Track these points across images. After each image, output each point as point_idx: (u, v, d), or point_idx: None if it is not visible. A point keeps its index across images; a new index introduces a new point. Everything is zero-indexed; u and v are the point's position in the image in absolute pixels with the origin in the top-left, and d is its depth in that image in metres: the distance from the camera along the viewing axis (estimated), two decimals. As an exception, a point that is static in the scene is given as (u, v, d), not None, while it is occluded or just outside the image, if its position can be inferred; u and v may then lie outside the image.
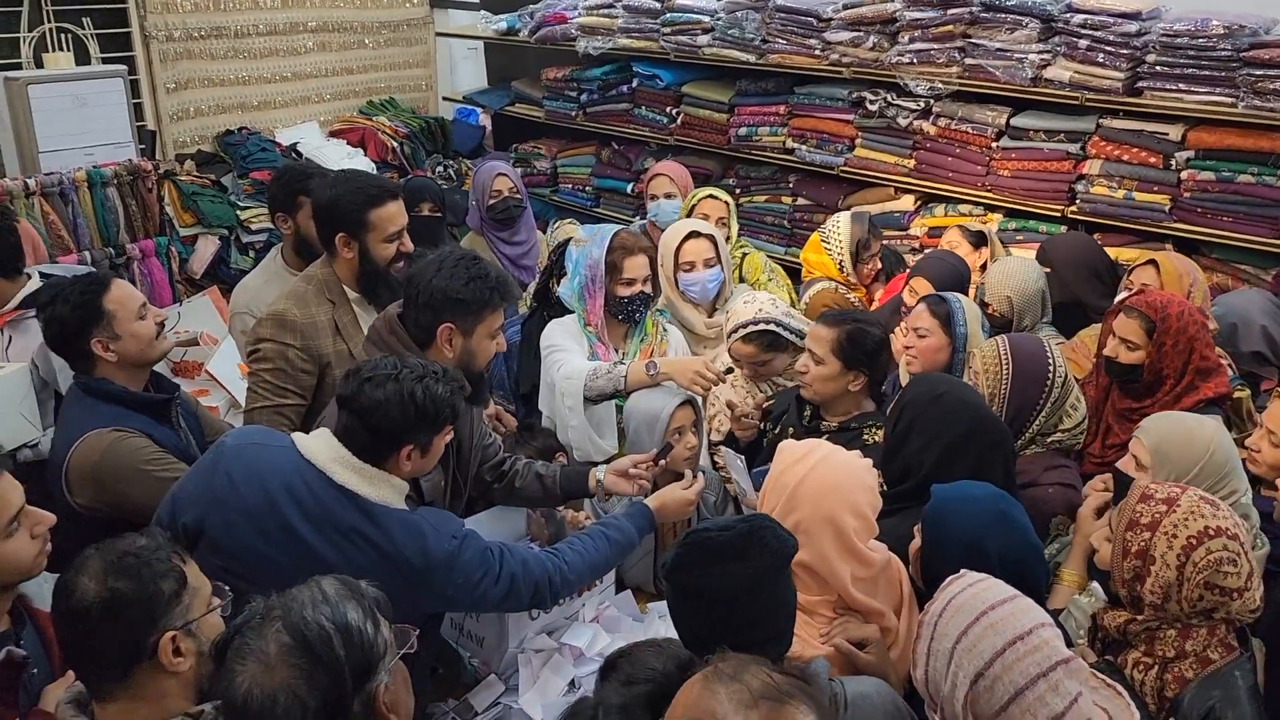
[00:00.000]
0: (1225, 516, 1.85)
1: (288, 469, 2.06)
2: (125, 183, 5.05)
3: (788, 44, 4.74)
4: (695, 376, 2.92)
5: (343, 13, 6.43)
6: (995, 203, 4.30)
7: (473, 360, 2.45)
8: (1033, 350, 2.70)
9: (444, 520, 2.17)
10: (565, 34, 5.59)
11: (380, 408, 2.02)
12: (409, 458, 2.09)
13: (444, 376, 2.12)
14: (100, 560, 1.59)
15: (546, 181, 6.07)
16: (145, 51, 5.59)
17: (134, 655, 1.58)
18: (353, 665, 1.40)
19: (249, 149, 5.77)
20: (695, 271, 3.45)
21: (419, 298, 2.42)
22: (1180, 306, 2.82)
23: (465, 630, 2.64)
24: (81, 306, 2.48)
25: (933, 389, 2.47)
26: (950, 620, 1.60)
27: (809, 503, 2.03)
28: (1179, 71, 3.76)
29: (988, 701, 1.53)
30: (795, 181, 4.99)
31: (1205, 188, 3.79)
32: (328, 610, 1.42)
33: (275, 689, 1.36)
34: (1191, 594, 1.81)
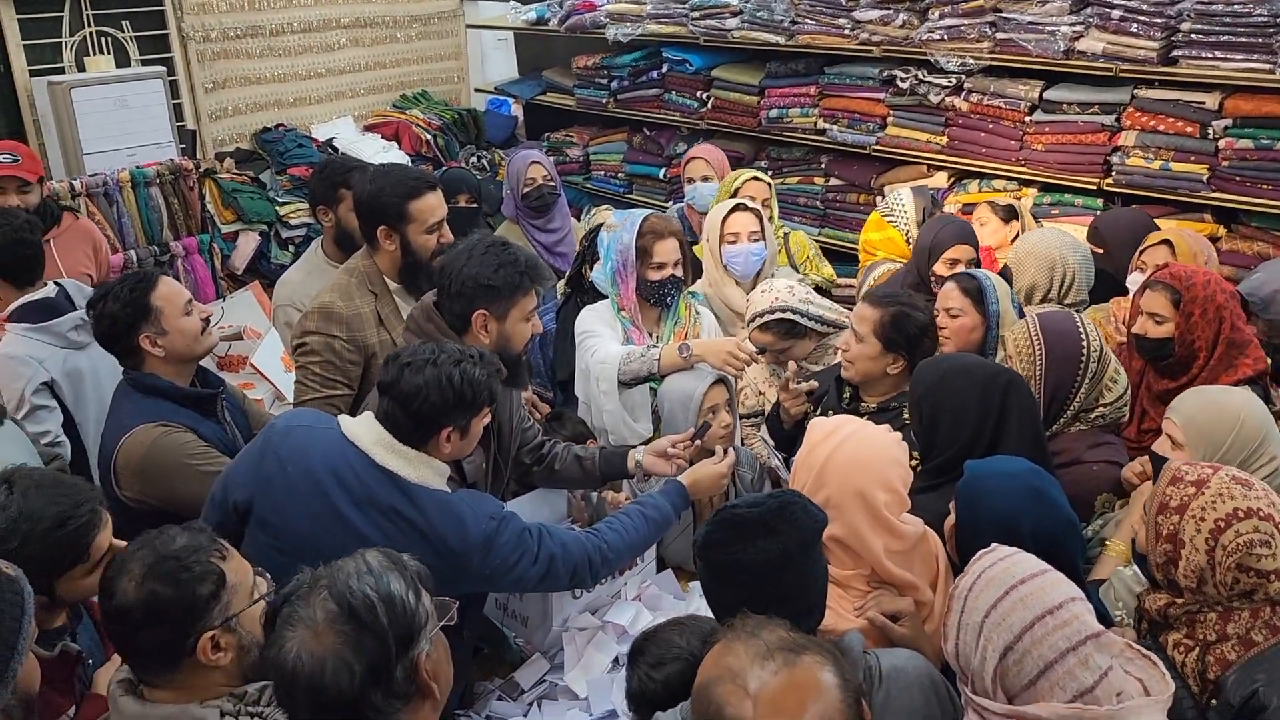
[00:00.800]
0: (1259, 497, 1.82)
1: (333, 451, 2.12)
2: (167, 182, 5.15)
3: (816, 24, 4.73)
4: (727, 357, 2.94)
5: (374, 8, 6.49)
6: (1029, 177, 4.28)
7: (509, 344, 2.50)
8: (1064, 327, 2.68)
9: (482, 502, 2.22)
10: (594, 22, 5.62)
11: (420, 392, 2.07)
12: (449, 440, 2.14)
13: (481, 360, 2.16)
14: (139, 563, 1.64)
15: (579, 169, 6.10)
16: (183, 52, 5.68)
17: (175, 653, 1.64)
18: (396, 632, 1.45)
19: (286, 145, 5.86)
20: (739, 244, 3.48)
21: (451, 286, 2.47)
22: (1206, 275, 2.80)
23: (509, 610, 2.69)
24: (130, 304, 2.55)
25: (936, 369, 2.50)
26: (981, 594, 1.61)
27: (837, 478, 2.05)
28: (1214, 39, 3.72)
29: (1017, 675, 1.54)
30: (827, 162, 4.99)
31: (1243, 156, 3.75)
32: (371, 580, 1.47)
33: (323, 654, 1.41)
34: (1225, 577, 1.79)
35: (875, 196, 4.79)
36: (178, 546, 1.66)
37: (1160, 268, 2.98)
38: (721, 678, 1.33)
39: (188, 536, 1.69)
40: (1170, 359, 2.82)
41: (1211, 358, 2.76)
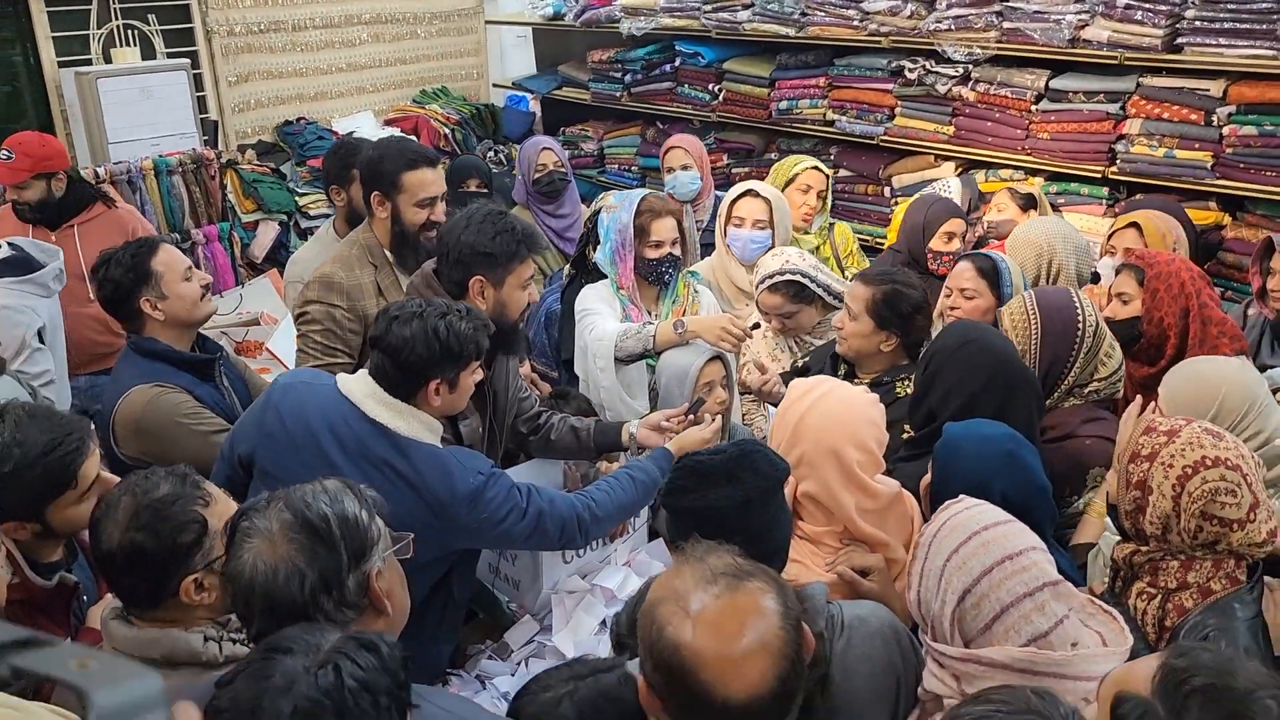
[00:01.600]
0: (1228, 447, 1.83)
1: (329, 405, 2.20)
2: (189, 171, 5.28)
3: (826, 16, 4.78)
4: (722, 333, 2.98)
5: (396, 5, 6.61)
6: (1035, 166, 4.29)
7: (505, 310, 2.56)
8: (1060, 302, 2.69)
9: (472, 458, 2.27)
10: (609, 16, 5.69)
11: (406, 344, 2.14)
12: (437, 392, 2.20)
13: (467, 314, 2.22)
14: (124, 510, 1.70)
15: (593, 163, 6.17)
16: (208, 46, 5.82)
17: (159, 595, 1.71)
18: (349, 545, 1.51)
19: (306, 138, 5.98)
20: (743, 228, 3.52)
21: (450, 254, 2.54)
22: (1169, 256, 2.84)
23: (501, 573, 2.74)
24: (132, 269, 2.63)
25: (962, 336, 2.48)
26: (945, 539, 1.64)
27: (811, 435, 2.08)
28: (1218, 26, 3.72)
29: (974, 618, 1.57)
30: (836, 153, 5.02)
31: (1248, 143, 3.75)
32: (326, 498, 1.54)
33: (277, 561, 1.48)
34: (1189, 524, 1.81)
35: (883, 187, 4.82)
36: (160, 495, 1.72)
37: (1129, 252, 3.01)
38: (665, 599, 1.36)
39: (171, 484, 1.74)
40: (1141, 339, 2.83)
41: (1186, 338, 2.76)
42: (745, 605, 1.34)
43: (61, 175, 3.91)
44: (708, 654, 1.30)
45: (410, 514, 2.12)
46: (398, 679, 1.28)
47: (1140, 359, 2.88)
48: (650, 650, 1.35)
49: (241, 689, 1.23)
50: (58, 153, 3.98)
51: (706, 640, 1.30)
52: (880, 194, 4.84)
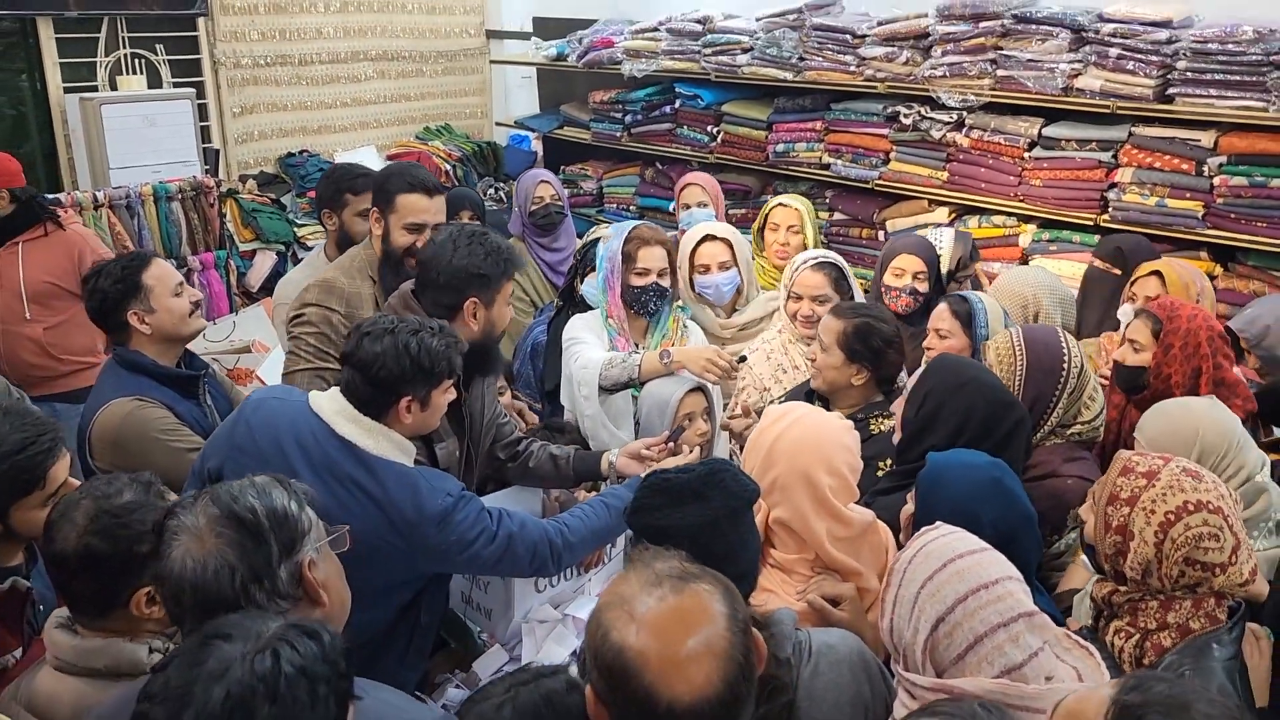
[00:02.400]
0: (1209, 489, 1.82)
1: (299, 421, 2.18)
2: (189, 198, 5.33)
3: (824, 61, 4.82)
4: (707, 364, 2.97)
5: (402, 43, 6.70)
6: (1028, 213, 4.30)
7: (493, 328, 2.58)
8: (1047, 339, 2.68)
9: (441, 478, 2.24)
10: (611, 58, 5.75)
11: (377, 360, 2.12)
12: (409, 410, 2.18)
13: (440, 332, 2.21)
14: (83, 512, 1.68)
15: (592, 201, 6.20)
16: (214, 77, 5.90)
17: (109, 603, 1.69)
18: (278, 536, 1.50)
19: (308, 170, 6.03)
20: (710, 274, 3.52)
21: (440, 278, 2.52)
22: (1193, 311, 2.73)
23: (473, 602, 2.71)
24: (122, 280, 2.65)
25: (957, 376, 2.45)
26: (919, 566, 1.61)
27: (785, 459, 2.06)
28: (1210, 77, 3.75)
29: (947, 648, 1.54)
30: (831, 196, 5.04)
31: (1238, 193, 3.75)
32: (253, 492, 1.53)
33: (204, 556, 1.46)
34: (1171, 570, 1.79)
35: (877, 230, 4.83)
36: (121, 502, 1.71)
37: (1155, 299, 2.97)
38: (611, 604, 1.34)
39: (134, 491, 1.74)
40: (1145, 391, 2.76)
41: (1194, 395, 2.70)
42: (690, 607, 1.32)
43: (4, 193, 3.93)
44: (651, 655, 1.28)
45: (377, 534, 2.10)
46: (338, 668, 1.25)
47: (1141, 408, 2.81)
48: (595, 656, 1.33)
49: (173, 675, 1.20)
50: (7, 171, 3.99)
51: (650, 641, 1.28)
52: (874, 237, 4.84)
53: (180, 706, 1.16)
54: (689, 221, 4.22)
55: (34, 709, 1.66)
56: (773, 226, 3.94)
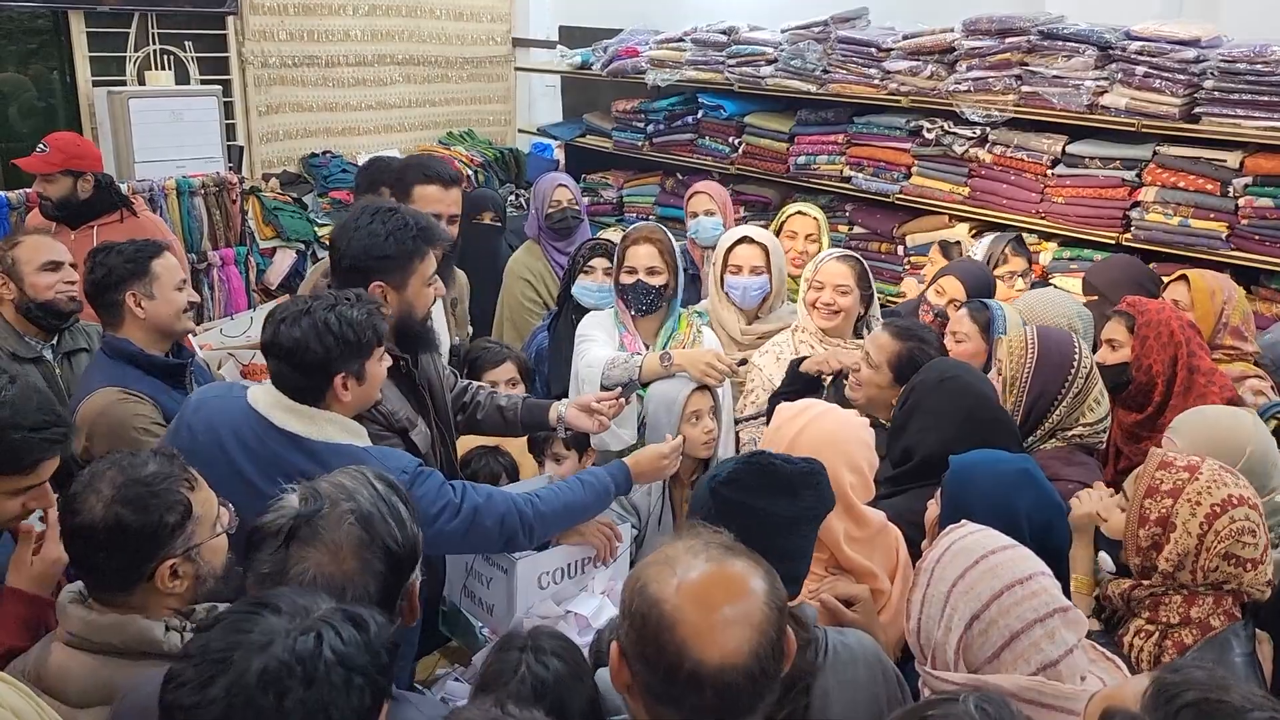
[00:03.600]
0: (1246, 486, 1.84)
1: (239, 420, 2.11)
2: (211, 193, 5.36)
3: (848, 74, 4.82)
4: (706, 368, 2.92)
5: (429, 48, 6.74)
6: (1049, 230, 4.27)
7: (412, 311, 2.46)
8: (1060, 339, 2.68)
9: (395, 456, 2.16)
10: (636, 67, 5.76)
11: (300, 344, 2.04)
12: (346, 387, 2.11)
13: (358, 301, 2.12)
14: (109, 483, 1.65)
15: (612, 210, 6.21)
16: (241, 76, 5.94)
17: (133, 577, 1.65)
18: (407, 562, 1.50)
19: (331, 170, 6.07)
20: (740, 275, 3.51)
21: (343, 262, 2.42)
22: (1159, 304, 2.84)
23: (476, 598, 2.68)
24: (132, 259, 2.65)
25: (942, 373, 2.47)
26: (949, 564, 1.59)
27: (806, 454, 2.04)
28: (1236, 98, 3.72)
29: (981, 645, 1.51)
30: (852, 210, 5.02)
31: (1264, 215, 3.71)
32: (385, 509, 1.51)
33: (343, 580, 1.43)
34: (1209, 563, 1.78)
35: (897, 245, 4.81)
36: (149, 472, 1.67)
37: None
38: (655, 561, 1.33)
39: (159, 462, 1.70)
40: (1129, 385, 2.82)
41: (1173, 385, 2.73)
42: (733, 576, 1.31)
43: (89, 176, 3.96)
44: (686, 613, 1.26)
45: None
46: (379, 661, 1.22)
47: (1128, 405, 2.87)
48: (628, 608, 1.31)
49: (216, 637, 1.18)
50: (91, 155, 4.05)
51: (687, 600, 1.27)
52: (894, 252, 4.82)
53: (215, 672, 1.14)
54: (696, 230, 4.22)
55: (43, 684, 1.63)
56: (790, 234, 3.93)
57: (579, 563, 2.66)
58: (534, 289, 4.27)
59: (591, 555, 2.66)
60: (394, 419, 2.46)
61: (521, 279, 4.27)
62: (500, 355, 3.46)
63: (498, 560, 2.49)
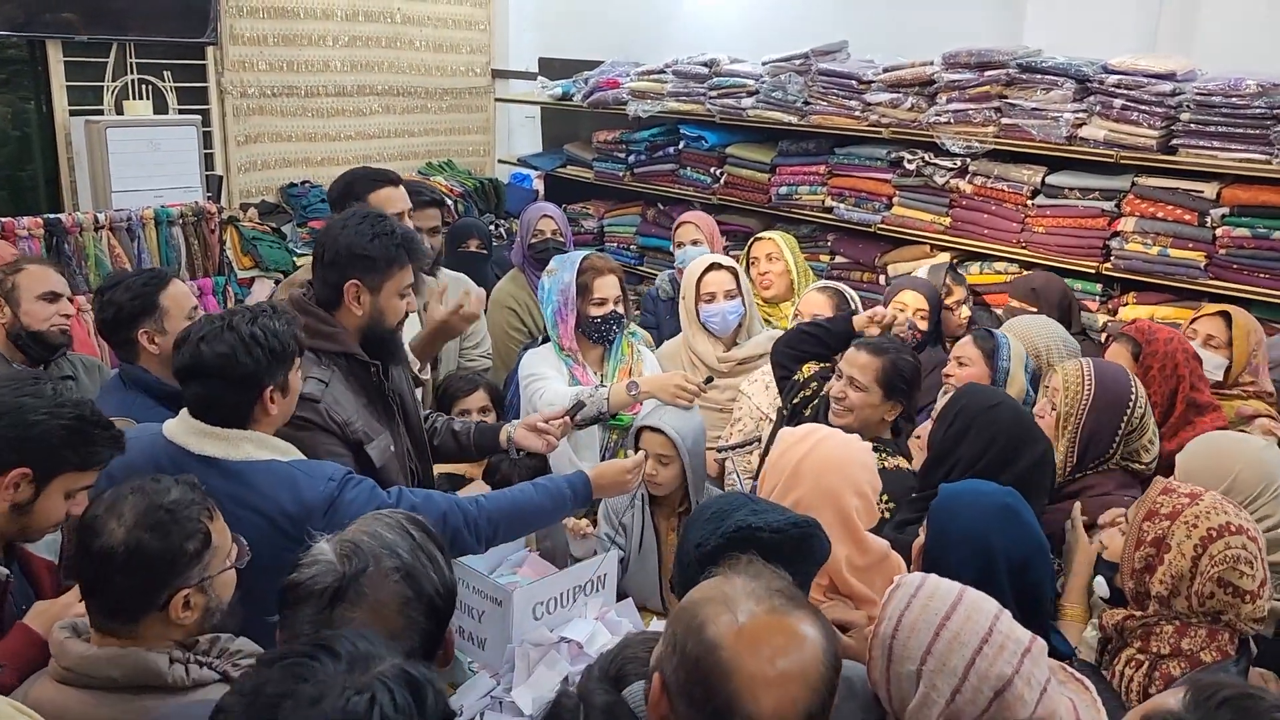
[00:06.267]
0: (1247, 518, 1.83)
1: (157, 452, 2.08)
2: (190, 223, 5.32)
3: (829, 105, 4.86)
4: (676, 390, 2.92)
5: (408, 78, 6.74)
6: (1030, 259, 4.31)
7: (382, 318, 2.49)
8: (1118, 375, 2.66)
9: (318, 467, 2.13)
10: (617, 98, 5.79)
11: (229, 359, 2.02)
12: (273, 401, 2.09)
13: (273, 312, 2.12)
14: (131, 508, 1.63)
15: (593, 240, 6.21)
16: (220, 105, 5.91)
17: (146, 605, 1.62)
18: (447, 610, 1.50)
19: (309, 200, 6.03)
20: (716, 303, 3.52)
21: (325, 255, 2.46)
22: (1169, 335, 2.84)
23: (466, 633, 2.64)
24: (140, 296, 2.64)
25: (989, 397, 2.48)
26: (909, 641, 1.53)
27: (811, 478, 2.03)
28: (1213, 129, 3.78)
29: (970, 711, 1.48)
30: (833, 240, 5.05)
31: (1240, 244, 3.77)
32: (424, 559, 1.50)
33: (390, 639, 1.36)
34: (1203, 589, 1.77)
35: (879, 274, 4.83)
36: (172, 498, 1.66)
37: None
38: (713, 599, 1.30)
39: (180, 490, 1.69)
40: None
41: (1170, 416, 2.73)
42: (793, 629, 1.28)
43: None
44: (744, 661, 1.23)
45: (269, 544, 1.93)
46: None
47: None
48: (681, 646, 1.27)
49: (273, 679, 1.13)
50: None
51: (746, 649, 1.24)
52: (875, 281, 4.84)
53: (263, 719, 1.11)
54: (684, 259, 4.25)
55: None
56: (753, 260, 4.01)
57: (571, 590, 2.63)
58: (519, 317, 4.27)
59: (584, 582, 2.64)
60: (348, 429, 2.43)
61: (506, 308, 4.27)
62: (473, 383, 3.46)
63: (491, 593, 2.45)
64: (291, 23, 6.12)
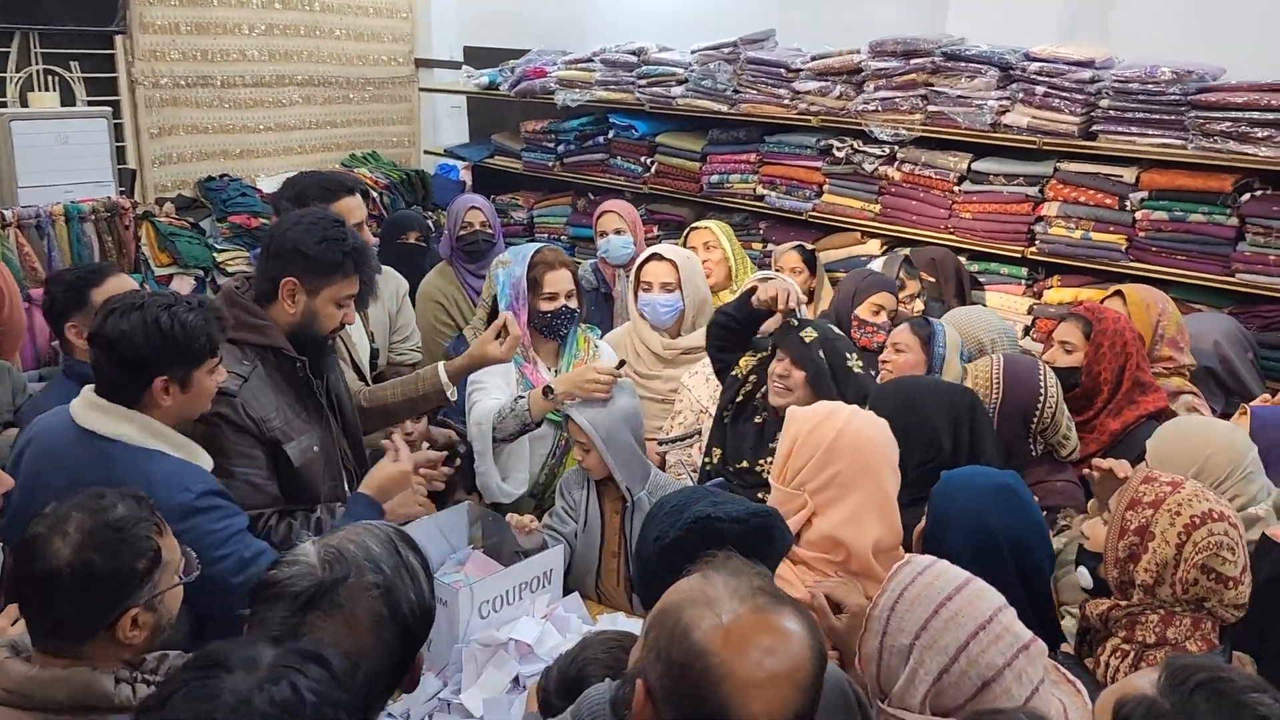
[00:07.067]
0: (1228, 505, 1.85)
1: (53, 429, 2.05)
2: (103, 219, 5.10)
3: (758, 94, 4.87)
4: (590, 385, 2.85)
5: (329, 68, 6.57)
6: (958, 245, 4.38)
7: (315, 322, 2.42)
8: (1027, 375, 2.71)
9: (184, 472, 2.04)
10: (544, 87, 5.73)
11: (124, 337, 1.97)
12: (167, 392, 2.02)
13: (198, 306, 2.06)
14: (76, 526, 1.56)
15: (523, 232, 6.15)
16: (131, 96, 5.68)
17: (93, 627, 1.56)
18: (421, 634, 1.44)
19: (229, 194, 5.85)
20: (651, 293, 3.50)
21: (271, 246, 2.41)
22: (1117, 315, 2.91)
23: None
24: (70, 289, 2.61)
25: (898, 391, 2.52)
26: (907, 615, 1.52)
27: (849, 454, 2.02)
28: (1131, 116, 3.88)
29: (954, 695, 1.47)
30: (765, 228, 5.08)
31: (1159, 227, 3.88)
32: (407, 578, 1.43)
33: (357, 654, 1.34)
34: (1187, 575, 1.77)
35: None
36: (118, 515, 1.58)
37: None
38: (695, 601, 1.27)
39: (127, 505, 1.61)
40: (1076, 388, 2.89)
41: (1116, 393, 2.81)
42: (780, 626, 1.26)
43: None
44: (734, 666, 1.21)
45: None
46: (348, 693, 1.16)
47: (1069, 407, 2.91)
48: (666, 652, 1.24)
49: (182, 709, 1.07)
50: None
51: (735, 652, 1.22)
52: (807, 269, 4.87)
53: None
54: (606, 249, 4.21)
55: None
56: (691, 249, 3.98)
57: (517, 588, 2.60)
58: (446, 311, 4.20)
59: (530, 578, 2.61)
60: (264, 426, 2.35)
61: (434, 301, 4.20)
62: None
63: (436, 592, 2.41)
64: (205, 10, 5.92)
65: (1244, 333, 3.53)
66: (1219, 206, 3.75)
